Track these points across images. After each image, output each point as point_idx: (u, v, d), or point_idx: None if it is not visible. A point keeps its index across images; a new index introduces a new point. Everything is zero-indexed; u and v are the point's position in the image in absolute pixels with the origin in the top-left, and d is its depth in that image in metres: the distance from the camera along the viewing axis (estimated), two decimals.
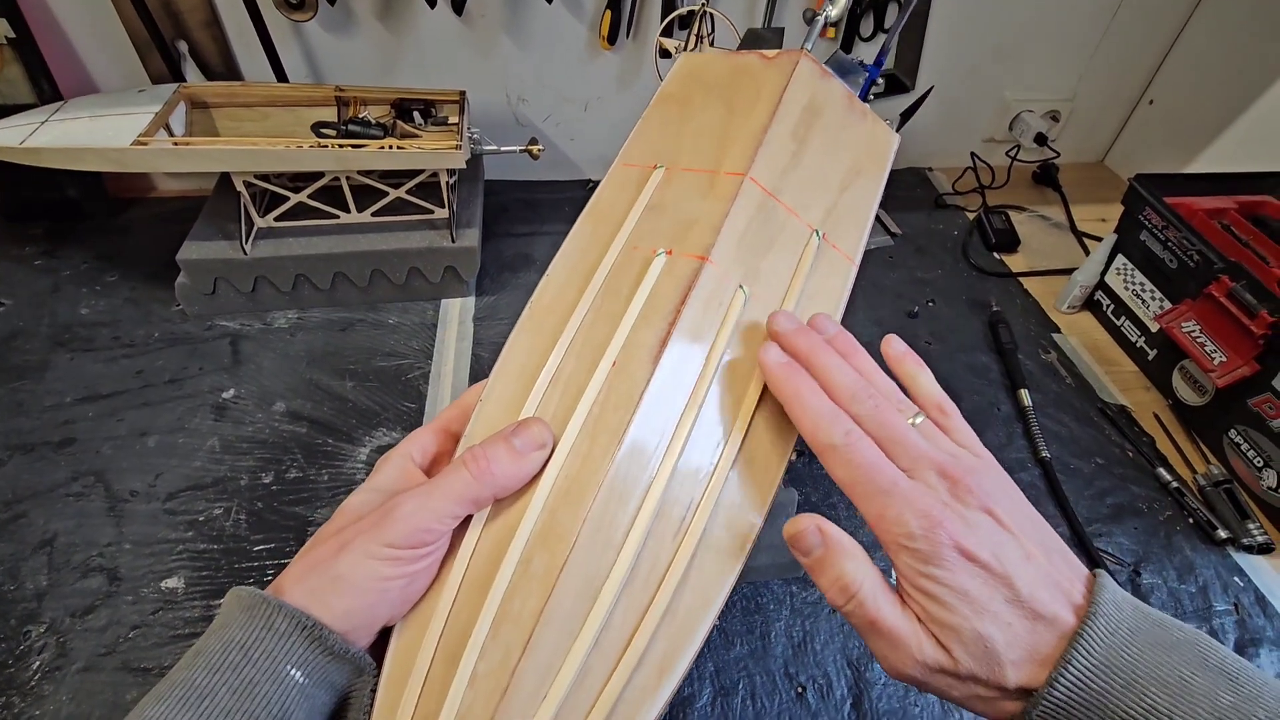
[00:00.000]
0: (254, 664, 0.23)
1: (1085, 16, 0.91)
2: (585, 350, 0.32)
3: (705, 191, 0.35)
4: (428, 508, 0.26)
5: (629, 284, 0.33)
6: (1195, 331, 0.63)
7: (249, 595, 0.25)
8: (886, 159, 0.42)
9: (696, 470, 0.29)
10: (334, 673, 0.25)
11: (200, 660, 0.24)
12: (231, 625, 0.24)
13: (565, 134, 0.92)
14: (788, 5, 0.82)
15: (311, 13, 0.71)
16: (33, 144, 0.59)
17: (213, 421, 0.62)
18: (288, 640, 0.24)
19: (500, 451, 0.27)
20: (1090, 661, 0.23)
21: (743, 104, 0.39)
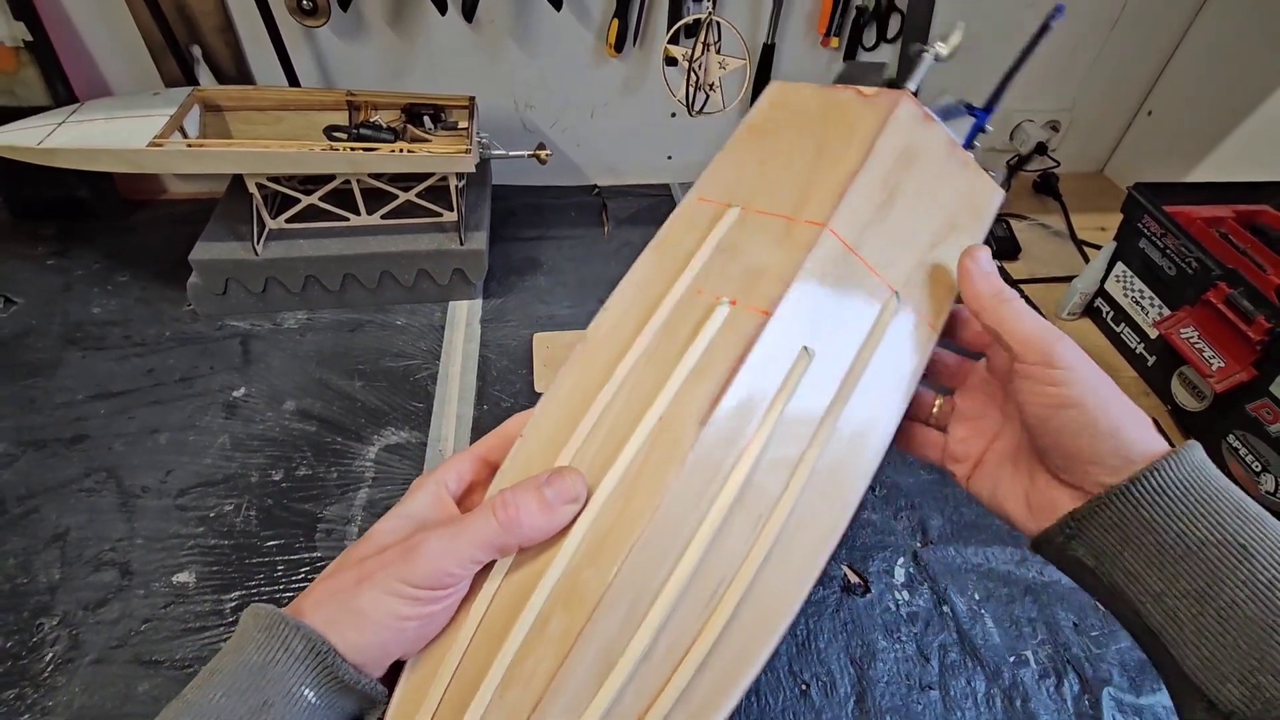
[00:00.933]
0: (271, 682, 0.24)
1: (1085, 28, 0.92)
2: (634, 398, 0.30)
3: (780, 239, 0.32)
4: (451, 551, 0.26)
5: (687, 331, 0.31)
6: (1194, 338, 0.64)
7: (267, 615, 0.25)
8: (986, 216, 0.38)
9: (732, 549, 0.27)
10: (344, 699, 0.26)
11: (216, 680, 0.24)
12: (248, 646, 0.25)
13: (572, 140, 0.93)
14: (791, 17, 0.84)
15: (324, 18, 0.73)
16: (49, 145, 0.60)
17: (223, 419, 0.62)
18: (303, 663, 0.24)
19: (530, 501, 0.26)
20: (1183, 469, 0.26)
21: (832, 145, 0.35)
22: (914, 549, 0.57)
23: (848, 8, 0.83)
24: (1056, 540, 0.29)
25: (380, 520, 0.29)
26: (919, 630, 0.52)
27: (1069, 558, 0.29)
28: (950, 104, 0.51)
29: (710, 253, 0.33)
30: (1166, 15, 0.92)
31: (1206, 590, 0.24)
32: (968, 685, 0.49)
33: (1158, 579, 0.25)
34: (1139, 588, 0.26)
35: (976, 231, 0.37)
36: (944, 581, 0.55)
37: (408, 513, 0.29)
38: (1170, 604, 0.25)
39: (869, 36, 0.86)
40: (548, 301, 0.78)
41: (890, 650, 0.50)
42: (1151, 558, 0.26)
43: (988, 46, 0.91)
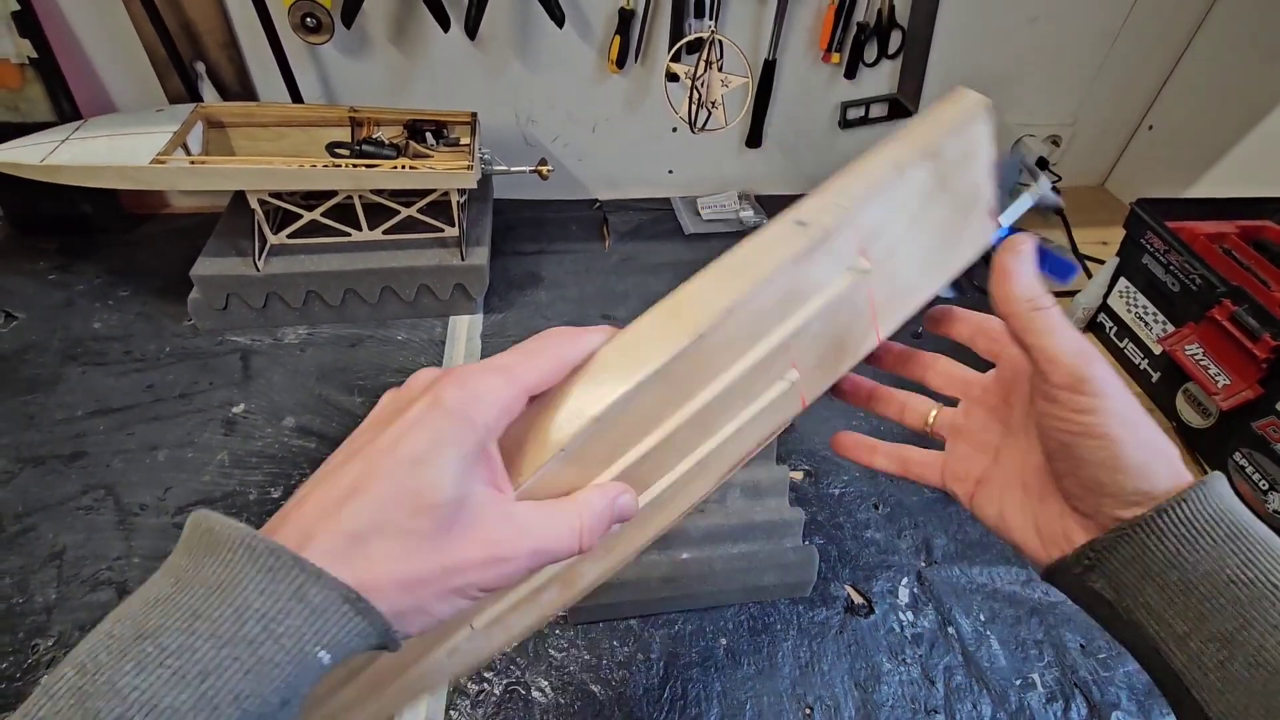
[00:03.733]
0: (276, 640, 0.19)
1: (1086, 43, 0.93)
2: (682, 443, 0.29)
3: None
4: (530, 568, 0.24)
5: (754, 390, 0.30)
6: (1198, 354, 0.63)
7: (267, 551, 0.19)
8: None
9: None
10: (359, 650, 0.21)
11: (202, 626, 0.18)
12: (244, 586, 0.19)
13: (573, 154, 0.93)
14: (792, 33, 0.84)
15: (328, 35, 0.73)
16: (53, 161, 0.61)
17: (222, 436, 0.62)
18: (322, 618, 0.19)
19: (603, 527, 0.26)
20: (1208, 502, 0.25)
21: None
22: (918, 569, 0.56)
23: (849, 24, 0.83)
24: (1073, 570, 0.27)
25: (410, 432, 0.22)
26: (924, 652, 0.51)
27: (1087, 589, 0.27)
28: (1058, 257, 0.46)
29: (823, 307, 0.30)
30: (1167, 30, 0.92)
31: (1235, 634, 0.23)
32: (974, 710, 0.48)
33: (1180, 619, 0.24)
34: (1161, 627, 0.25)
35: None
36: (949, 602, 0.54)
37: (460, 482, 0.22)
38: (1195, 647, 0.24)
39: (870, 53, 0.87)
40: (548, 316, 0.78)
41: (895, 673, 0.50)
42: (1175, 596, 0.24)
43: (988, 60, 0.92)
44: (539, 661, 0.49)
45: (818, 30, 0.84)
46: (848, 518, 0.59)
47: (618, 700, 0.47)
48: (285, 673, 0.19)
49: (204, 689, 0.18)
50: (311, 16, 0.71)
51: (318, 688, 0.21)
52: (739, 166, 0.98)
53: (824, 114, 0.94)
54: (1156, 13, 0.90)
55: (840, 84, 0.90)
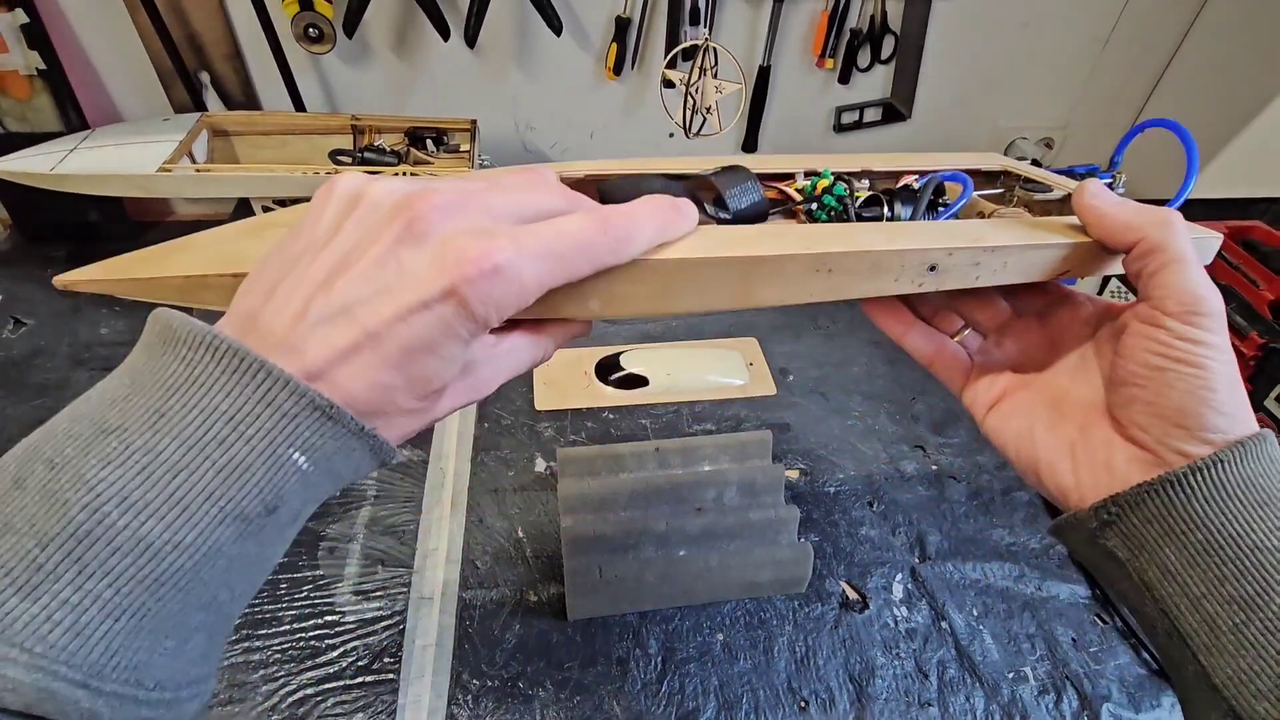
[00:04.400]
0: (246, 442, 0.18)
1: (1078, 45, 0.94)
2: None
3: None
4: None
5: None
6: None
7: (231, 352, 0.19)
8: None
9: None
10: (343, 460, 0.21)
11: (167, 425, 0.18)
12: (208, 387, 0.18)
13: (571, 160, 0.95)
14: (786, 39, 0.85)
15: (330, 45, 0.74)
16: (61, 170, 0.62)
17: None
18: (293, 421, 0.19)
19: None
20: (1246, 465, 0.24)
21: None
22: (912, 565, 0.57)
23: (842, 30, 0.85)
24: (1088, 526, 0.26)
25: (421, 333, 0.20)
26: (917, 647, 0.52)
27: (1098, 546, 0.26)
28: None
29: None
30: (1158, 34, 0.94)
31: (1256, 598, 0.22)
32: (967, 702, 0.49)
33: (1200, 580, 0.23)
34: (1175, 587, 0.24)
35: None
36: (942, 597, 0.55)
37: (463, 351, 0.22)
38: (1210, 609, 0.23)
39: (863, 58, 0.88)
40: None
41: (889, 667, 0.50)
42: (1196, 556, 0.24)
43: (980, 64, 0.93)
44: (539, 657, 0.49)
45: (811, 36, 0.85)
46: (843, 515, 0.60)
47: (616, 695, 0.48)
48: (259, 475, 0.18)
49: (174, 485, 0.17)
50: (314, 27, 0.73)
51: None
52: None
53: (819, 119, 0.95)
54: (1145, 17, 0.91)
55: (834, 89, 0.91)
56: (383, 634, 0.50)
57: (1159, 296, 0.26)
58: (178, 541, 0.17)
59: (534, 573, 0.54)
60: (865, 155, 0.34)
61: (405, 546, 0.56)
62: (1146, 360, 0.26)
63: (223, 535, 0.18)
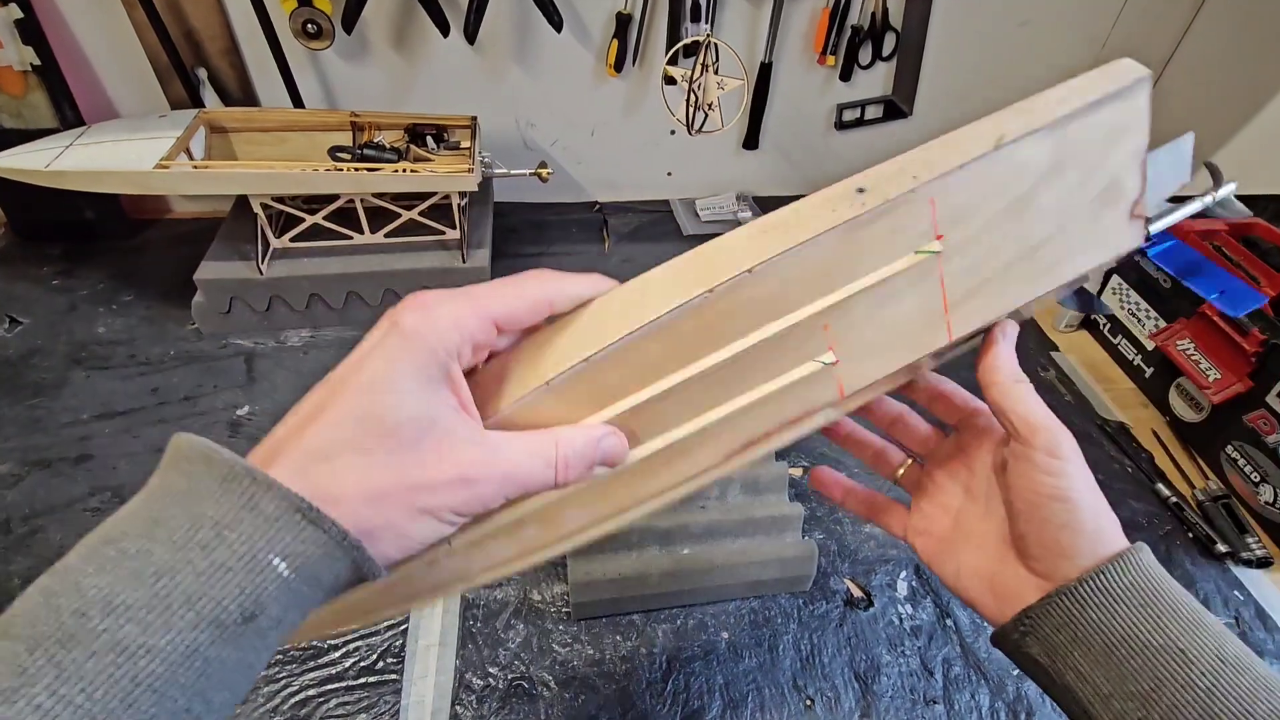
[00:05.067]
0: (228, 546, 0.19)
1: (1078, 42, 0.94)
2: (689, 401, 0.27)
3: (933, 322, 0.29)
4: (505, 494, 0.24)
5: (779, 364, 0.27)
6: (1190, 349, 0.64)
7: (224, 463, 0.20)
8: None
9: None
10: (326, 569, 0.21)
11: (160, 532, 0.19)
12: (201, 496, 0.20)
13: (572, 158, 0.94)
14: (788, 36, 0.85)
15: (328, 41, 0.74)
16: (58, 167, 0.61)
17: (228, 438, 0.63)
18: (275, 525, 0.20)
19: (583, 467, 0.26)
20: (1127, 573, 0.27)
21: None
22: (916, 563, 0.57)
23: (843, 27, 0.85)
24: (1012, 637, 0.29)
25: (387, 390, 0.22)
26: (922, 644, 0.52)
27: (1024, 655, 0.29)
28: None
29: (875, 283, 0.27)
30: (1156, 33, 0.94)
31: (1150, 693, 0.25)
32: (972, 699, 0.49)
33: (1105, 680, 0.26)
34: (1089, 688, 0.27)
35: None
36: (946, 595, 0.55)
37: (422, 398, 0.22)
38: (1118, 706, 0.26)
39: (864, 55, 0.88)
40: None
41: (894, 664, 0.50)
42: (1099, 659, 0.26)
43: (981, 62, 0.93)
44: (543, 656, 0.49)
45: (812, 33, 0.85)
46: (847, 512, 0.60)
47: (621, 693, 0.48)
48: (239, 578, 0.19)
49: (157, 588, 0.18)
50: (312, 22, 0.72)
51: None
52: (737, 168, 0.99)
53: (820, 116, 0.95)
54: (1143, 16, 0.91)
55: (836, 86, 0.91)
56: (385, 633, 0.50)
57: (1025, 436, 0.29)
58: (152, 645, 0.18)
59: (538, 571, 0.54)
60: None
61: None
62: (1027, 498, 0.29)
63: (199, 639, 0.18)
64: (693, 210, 0.97)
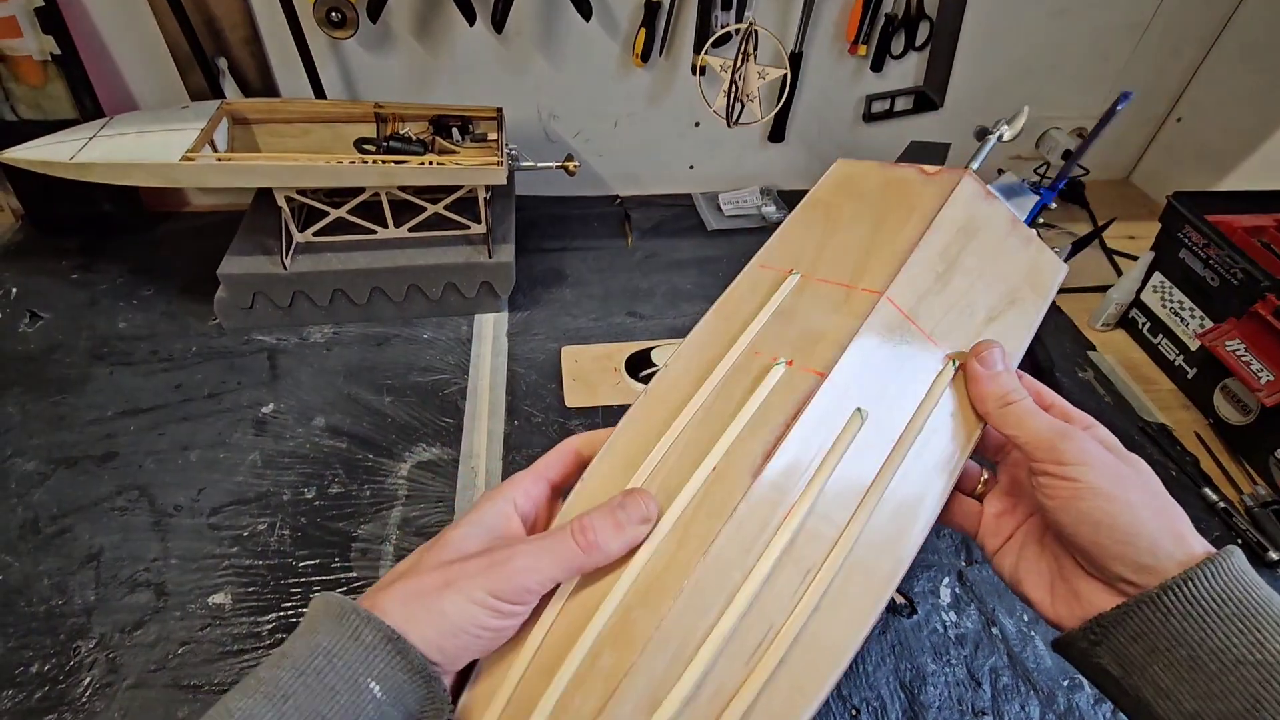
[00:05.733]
0: (336, 671, 0.24)
1: (1114, 35, 0.92)
2: (689, 449, 0.31)
3: (838, 305, 0.34)
4: (535, 569, 0.27)
5: (744, 388, 0.32)
6: (1240, 350, 0.62)
7: (338, 604, 0.26)
8: (1048, 291, 0.38)
9: (779, 599, 0.28)
10: (411, 695, 0.25)
11: (286, 662, 0.24)
12: (319, 631, 0.25)
13: (594, 150, 0.93)
14: (819, 25, 0.83)
15: (352, 30, 0.72)
16: (83, 159, 0.60)
17: (253, 436, 0.62)
18: (372, 653, 0.24)
19: (607, 525, 0.28)
20: (1217, 579, 0.25)
21: (893, 219, 0.37)
22: (959, 568, 0.56)
23: (876, 16, 0.82)
24: (1080, 645, 0.28)
25: (451, 528, 0.29)
26: (969, 653, 0.50)
27: (1092, 664, 0.28)
28: (1014, 183, 0.52)
29: (769, 317, 0.35)
30: (1198, 21, 0.91)
31: (1245, 713, 0.23)
32: (1022, 711, 0.47)
33: (1190, 696, 0.24)
34: (1169, 704, 0.25)
35: (1038, 306, 0.38)
36: (991, 602, 0.53)
37: (479, 522, 0.29)
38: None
39: (897, 44, 0.86)
40: (573, 314, 0.77)
41: (940, 674, 0.49)
42: (1183, 673, 0.25)
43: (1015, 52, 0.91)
44: None
45: (844, 22, 0.83)
46: None
47: None
48: (343, 699, 0.24)
49: (284, 708, 0.23)
50: (337, 11, 0.70)
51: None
52: (761, 161, 0.97)
53: (848, 107, 0.93)
54: (1187, 2, 0.89)
55: (866, 77, 0.89)
56: None
57: (1028, 453, 0.30)
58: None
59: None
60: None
61: None
62: (1052, 507, 0.29)
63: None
64: (715, 204, 0.96)
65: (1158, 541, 0.27)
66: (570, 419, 0.66)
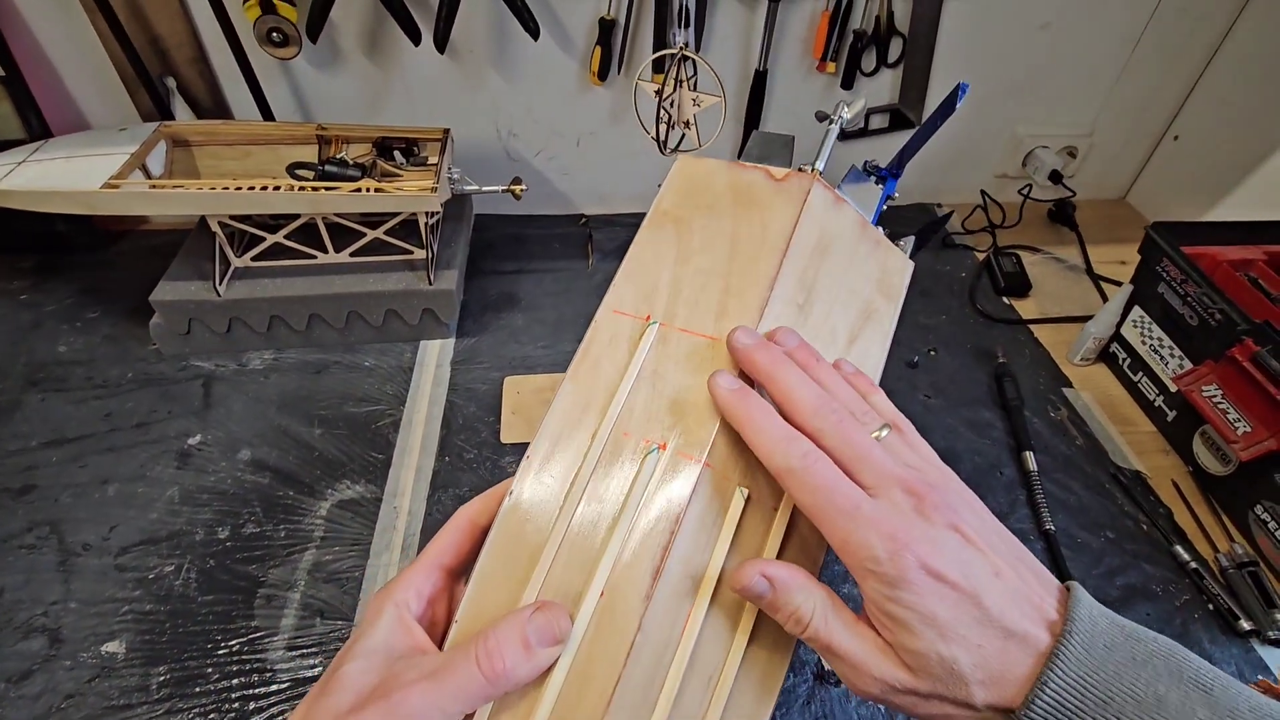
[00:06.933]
0: None
1: (1104, 49, 0.87)
2: (574, 565, 0.29)
3: (703, 363, 0.32)
4: (436, 705, 0.24)
5: (620, 485, 0.30)
6: (1217, 397, 0.58)
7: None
8: (899, 294, 0.38)
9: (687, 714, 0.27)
10: None
11: None
12: None
13: (558, 168, 0.90)
14: (784, 41, 0.80)
15: (295, 49, 0.70)
16: (4, 186, 0.59)
17: (175, 469, 0.60)
18: None
19: (514, 647, 0.25)
20: (1066, 681, 0.24)
21: (747, 243, 0.35)
22: None
23: (845, 31, 0.79)
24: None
25: (343, 660, 0.26)
26: None
27: None
28: (857, 172, 0.50)
29: (632, 382, 0.32)
30: (1195, 31, 0.86)
31: None
32: None
33: None
34: None
35: (891, 313, 0.37)
36: None
37: (372, 648, 0.27)
38: None
39: (868, 61, 0.82)
40: (522, 341, 0.75)
41: None
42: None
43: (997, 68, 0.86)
44: None
45: (812, 38, 0.80)
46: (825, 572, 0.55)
47: None
48: None
49: None
50: (277, 31, 0.69)
51: None
52: None
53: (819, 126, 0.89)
54: (1182, 15, 0.84)
55: (836, 94, 0.85)
56: None
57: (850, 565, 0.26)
58: None
59: None
60: None
61: (348, 596, 0.52)
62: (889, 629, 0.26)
63: None
64: None
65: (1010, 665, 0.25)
66: (504, 455, 0.63)
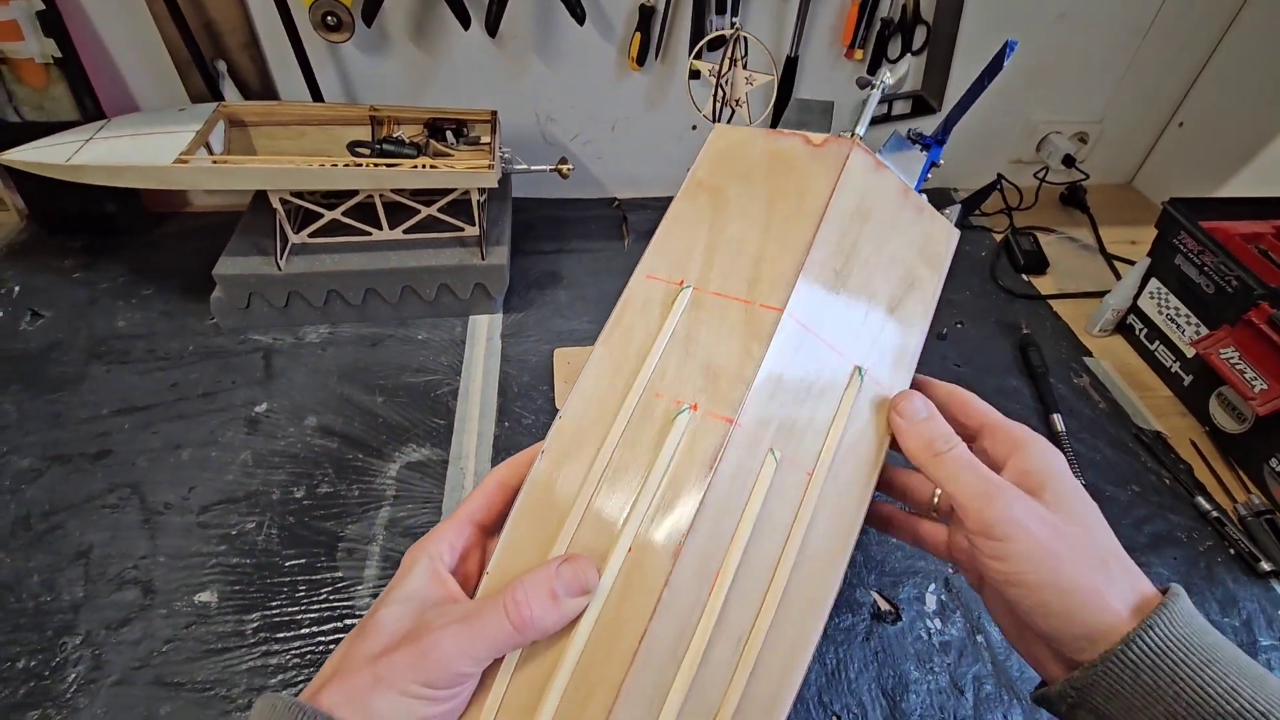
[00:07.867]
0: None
1: (1114, 38, 0.91)
2: (601, 527, 0.29)
3: (736, 326, 0.31)
4: (465, 651, 0.25)
5: (649, 444, 0.30)
6: (1234, 358, 0.62)
7: (285, 705, 0.25)
8: (944, 264, 0.36)
9: (716, 675, 0.27)
10: None
11: None
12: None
13: (592, 153, 0.93)
14: (815, 29, 0.83)
15: (348, 34, 0.73)
16: (78, 161, 0.61)
17: (245, 435, 0.62)
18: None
19: (542, 597, 0.26)
20: (1175, 626, 0.25)
21: (783, 209, 0.34)
22: (945, 575, 0.55)
23: (873, 20, 0.82)
24: (1060, 708, 0.27)
25: (379, 606, 0.28)
26: (952, 661, 0.50)
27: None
28: (899, 139, 0.49)
29: (666, 344, 0.32)
30: (1200, 24, 0.90)
31: None
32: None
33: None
34: None
35: (935, 283, 0.36)
36: (977, 609, 0.53)
37: (406, 595, 0.28)
38: None
39: (894, 48, 0.85)
40: (567, 316, 0.78)
41: (923, 681, 0.49)
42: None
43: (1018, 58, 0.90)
44: None
45: (841, 26, 0.83)
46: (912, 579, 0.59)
47: None
48: None
49: None
50: (332, 15, 0.71)
51: None
52: None
53: (845, 111, 0.92)
54: (1189, 7, 0.88)
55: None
56: None
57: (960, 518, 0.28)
58: None
59: None
60: None
61: None
62: (989, 579, 0.28)
63: None
64: None
65: (1093, 617, 0.26)
66: None
